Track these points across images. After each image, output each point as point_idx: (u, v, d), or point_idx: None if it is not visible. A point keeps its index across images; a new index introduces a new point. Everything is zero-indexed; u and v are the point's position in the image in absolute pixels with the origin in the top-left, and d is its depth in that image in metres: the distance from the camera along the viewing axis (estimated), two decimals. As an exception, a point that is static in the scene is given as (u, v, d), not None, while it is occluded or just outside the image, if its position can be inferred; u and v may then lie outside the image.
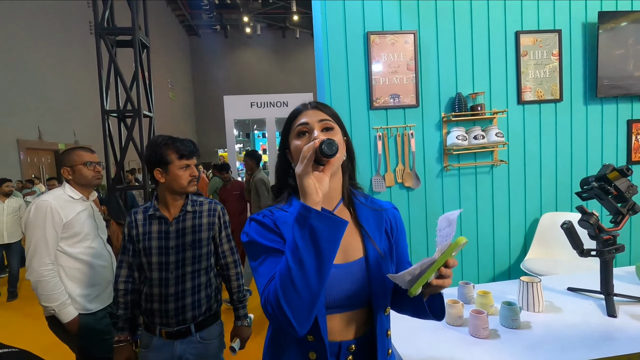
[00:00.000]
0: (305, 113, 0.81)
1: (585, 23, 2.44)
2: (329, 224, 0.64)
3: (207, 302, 1.46)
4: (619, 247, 1.38)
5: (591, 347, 1.14)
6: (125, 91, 2.33)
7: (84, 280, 1.70)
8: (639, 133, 2.55)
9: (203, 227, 1.46)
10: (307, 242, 0.63)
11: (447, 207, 2.41)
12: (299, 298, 0.64)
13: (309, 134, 0.78)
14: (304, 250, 0.63)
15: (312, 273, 0.64)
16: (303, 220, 0.64)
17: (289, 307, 0.64)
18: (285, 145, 0.84)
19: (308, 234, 0.63)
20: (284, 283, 0.64)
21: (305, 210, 0.64)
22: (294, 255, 0.64)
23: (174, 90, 14.35)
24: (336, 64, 2.28)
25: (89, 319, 1.68)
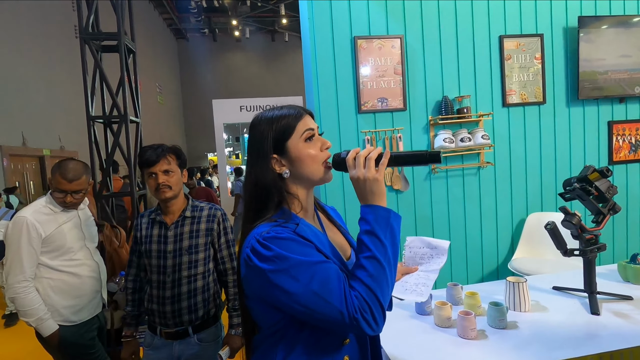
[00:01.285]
0: (307, 117, 0.78)
1: (566, 27, 2.51)
2: (399, 221, 0.72)
3: (204, 306, 1.48)
4: (600, 246, 1.41)
5: (576, 346, 1.16)
6: (111, 97, 2.30)
7: (69, 291, 1.66)
8: (619, 134, 2.62)
9: (200, 232, 1.47)
10: (389, 241, 0.70)
11: (436, 209, 2.44)
12: (389, 289, 0.70)
13: (315, 139, 0.78)
14: (390, 249, 0.69)
15: (395, 265, 0.71)
16: (385, 222, 0.70)
17: (385, 300, 0.68)
18: (279, 151, 0.76)
19: (390, 233, 0.70)
20: (379, 283, 0.67)
21: (386, 212, 0.70)
22: (383, 255, 0.69)
23: (162, 94, 14.21)
24: (324, 68, 2.29)
25: (72, 331, 1.64)
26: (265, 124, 0.77)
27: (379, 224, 0.69)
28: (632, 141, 2.63)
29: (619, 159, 2.62)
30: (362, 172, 0.71)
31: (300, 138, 0.75)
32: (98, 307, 1.81)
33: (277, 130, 0.76)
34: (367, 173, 0.71)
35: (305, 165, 0.75)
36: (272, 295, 0.68)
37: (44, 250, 1.60)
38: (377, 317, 0.66)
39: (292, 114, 0.77)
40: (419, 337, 1.29)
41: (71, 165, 1.62)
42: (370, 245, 0.69)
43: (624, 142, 2.62)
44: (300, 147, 0.75)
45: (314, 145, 0.76)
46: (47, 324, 1.57)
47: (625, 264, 1.62)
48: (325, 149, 0.78)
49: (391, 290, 0.70)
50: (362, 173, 0.71)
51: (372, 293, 0.66)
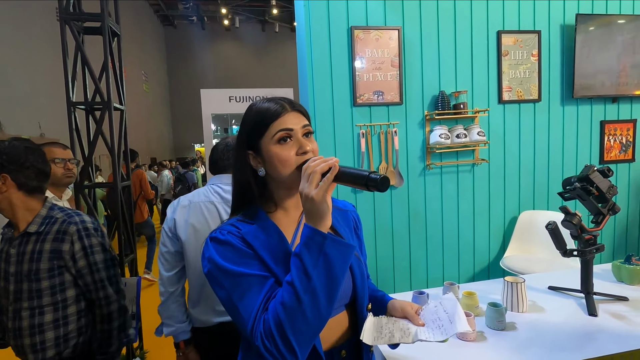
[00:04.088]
0: (287, 116, 0.70)
1: (564, 25, 2.49)
2: (343, 251, 0.61)
3: (57, 346, 1.17)
4: (599, 247, 1.40)
5: (576, 348, 1.14)
6: (93, 82, 2.17)
7: None
8: (611, 134, 2.63)
9: (44, 255, 1.15)
10: (320, 271, 0.59)
11: (430, 205, 2.41)
12: (308, 327, 0.60)
13: (291, 140, 0.70)
14: (317, 280, 0.59)
15: (324, 302, 0.60)
16: (317, 248, 0.60)
17: (295, 338, 0.59)
18: (253, 147, 0.73)
19: (322, 262, 0.60)
20: (292, 316, 0.59)
21: (321, 237, 0.60)
22: (305, 285, 0.59)
23: (148, 82, 13.82)
24: (319, 59, 2.21)
25: None
26: (247, 115, 0.75)
27: (309, 250, 0.60)
28: (622, 141, 2.65)
29: (609, 159, 2.63)
30: (304, 186, 0.62)
31: (272, 139, 0.70)
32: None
33: (252, 127, 0.73)
34: (307, 189, 0.61)
35: (275, 167, 0.70)
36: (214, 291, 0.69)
37: None
38: (283, 352, 0.59)
39: (271, 111, 0.71)
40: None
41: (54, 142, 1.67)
42: (293, 270, 0.61)
43: (615, 142, 2.64)
44: (272, 148, 0.70)
45: (287, 147, 0.69)
46: None
47: (619, 264, 1.62)
48: (301, 152, 0.69)
49: (315, 326, 0.60)
50: (303, 187, 0.62)
51: (279, 324, 0.59)
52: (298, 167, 0.69)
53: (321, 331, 0.63)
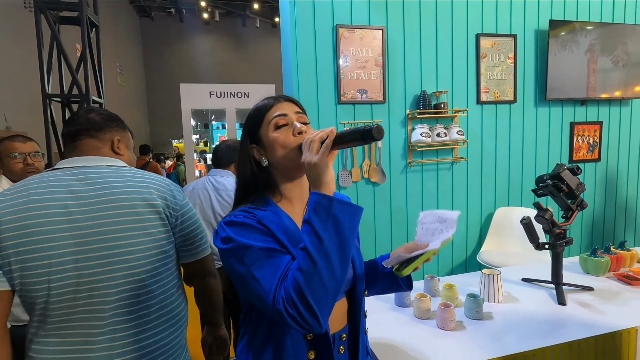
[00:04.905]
0: (279, 106, 0.77)
1: (538, 30, 2.61)
2: (350, 212, 0.64)
3: None
4: (568, 240, 1.49)
5: (547, 335, 1.22)
6: (70, 74, 2.10)
7: None
8: (580, 134, 2.78)
9: None
10: (330, 233, 0.62)
11: (411, 202, 2.47)
12: (326, 291, 0.62)
13: (287, 126, 0.76)
14: (328, 242, 0.62)
15: (337, 264, 0.63)
16: (325, 211, 0.62)
17: (316, 302, 0.61)
18: (255, 140, 0.79)
19: (331, 224, 0.62)
20: (309, 279, 0.61)
21: (327, 200, 0.63)
22: (317, 248, 0.62)
23: (123, 75, 13.38)
24: (305, 57, 2.23)
25: (22, 331, 1.50)
26: (248, 115, 0.81)
27: (318, 214, 0.63)
28: (590, 142, 2.81)
29: (578, 158, 2.78)
30: (306, 155, 0.66)
31: (269, 125, 0.76)
32: None
33: (251, 120, 0.79)
34: (309, 157, 0.66)
35: (275, 151, 0.75)
36: (229, 272, 0.71)
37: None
38: (304, 315, 0.61)
39: (266, 103, 0.79)
40: (399, 328, 1.30)
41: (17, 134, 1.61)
42: (305, 236, 0.64)
43: (583, 142, 2.79)
44: (270, 134, 0.76)
45: (284, 131, 0.75)
46: None
47: (586, 257, 1.73)
48: (297, 133, 0.75)
49: (332, 289, 0.63)
50: (305, 157, 0.66)
51: (299, 288, 0.61)
52: (297, 147, 0.73)
53: (339, 294, 0.67)
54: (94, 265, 0.86)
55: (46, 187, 0.88)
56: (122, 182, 0.92)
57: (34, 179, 0.90)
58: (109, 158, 0.99)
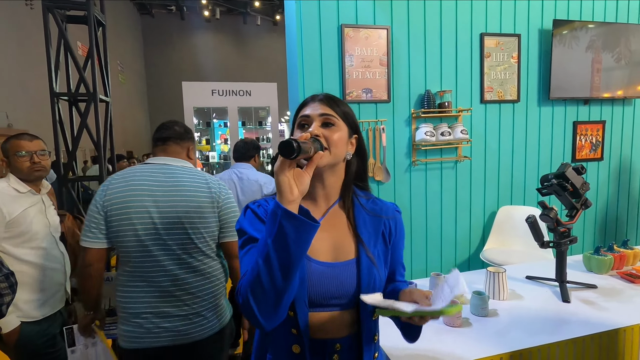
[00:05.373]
0: (311, 105, 0.79)
1: (541, 29, 2.62)
2: (297, 225, 0.61)
3: None
4: (572, 238, 1.51)
5: (552, 332, 1.24)
6: (78, 72, 2.12)
7: (31, 284, 1.53)
8: (582, 134, 2.80)
9: None
10: (275, 241, 0.62)
11: (414, 200, 2.49)
12: (264, 295, 0.64)
13: (308, 126, 0.77)
14: (272, 249, 0.62)
15: (277, 272, 0.63)
16: (274, 218, 0.62)
17: (255, 302, 0.64)
18: (292, 133, 0.84)
19: (277, 232, 0.62)
20: (252, 278, 0.64)
21: (277, 207, 0.62)
22: (262, 251, 0.63)
23: (124, 73, 13.37)
24: (310, 56, 2.24)
25: (32, 328, 1.53)
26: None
27: (269, 219, 0.63)
28: (592, 141, 2.82)
29: (581, 157, 2.80)
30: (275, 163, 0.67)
31: (296, 124, 0.81)
32: (61, 301, 1.69)
33: (295, 114, 0.84)
34: (275, 165, 0.66)
35: None
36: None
37: (6, 236, 1.47)
38: (247, 313, 0.65)
39: (304, 101, 0.82)
40: (407, 325, 1.32)
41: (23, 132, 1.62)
42: (261, 237, 0.66)
43: (586, 142, 2.80)
44: (294, 130, 0.81)
45: (302, 132, 0.78)
46: (8, 319, 1.45)
47: (589, 255, 1.75)
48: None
49: (273, 296, 0.63)
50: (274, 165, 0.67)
51: (246, 286, 0.65)
52: None
53: (282, 305, 0.66)
54: (167, 232, 1.26)
55: (141, 175, 1.29)
56: (189, 178, 1.32)
57: (133, 169, 1.32)
58: (183, 160, 1.39)
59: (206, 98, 6.61)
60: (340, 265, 0.78)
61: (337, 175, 0.81)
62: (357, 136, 0.84)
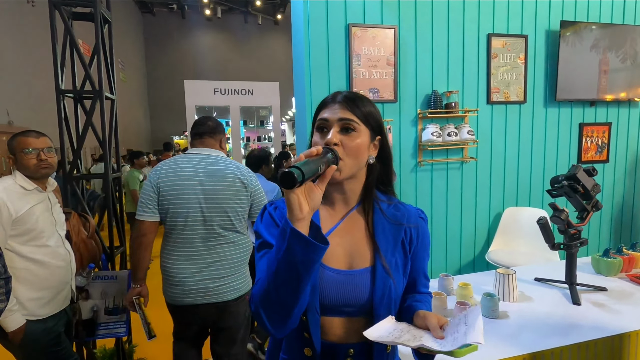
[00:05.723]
0: (330, 107, 0.75)
1: (549, 30, 2.61)
2: (303, 246, 0.60)
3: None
4: (583, 240, 1.50)
5: (564, 335, 1.23)
6: (84, 69, 2.10)
7: (36, 282, 1.52)
8: (588, 135, 2.79)
9: None
10: (283, 258, 0.61)
11: (420, 201, 2.48)
12: (273, 307, 0.65)
13: (327, 130, 0.74)
14: (281, 265, 0.62)
15: (286, 288, 0.63)
16: (283, 236, 0.61)
17: (264, 311, 0.65)
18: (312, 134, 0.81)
19: (285, 250, 0.61)
20: (262, 290, 0.65)
21: (286, 225, 0.61)
22: (272, 265, 0.64)
23: (125, 71, 13.36)
24: (317, 55, 2.23)
25: (37, 326, 1.52)
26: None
27: (280, 235, 0.62)
28: (598, 143, 2.82)
29: (586, 159, 2.79)
30: None
31: (314, 125, 0.78)
32: (66, 299, 1.68)
33: (315, 114, 0.80)
34: None
35: None
36: None
37: (12, 234, 1.45)
38: (259, 320, 0.66)
39: (323, 101, 0.79)
40: (417, 327, 1.31)
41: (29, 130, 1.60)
42: (273, 250, 0.66)
43: (592, 144, 2.80)
44: (313, 135, 0.77)
45: (321, 136, 0.75)
46: (14, 317, 1.44)
47: (598, 257, 1.74)
48: (325, 144, 0.71)
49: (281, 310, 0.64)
50: None
51: (257, 297, 0.66)
52: None
53: (291, 318, 0.65)
54: (210, 210, 1.53)
55: (188, 162, 1.57)
56: (226, 165, 1.59)
57: (181, 157, 1.60)
58: (217, 150, 1.66)
59: (208, 97, 6.58)
60: (354, 274, 0.75)
61: (358, 179, 0.78)
62: (381, 137, 0.79)
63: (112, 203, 2.23)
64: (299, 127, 2.48)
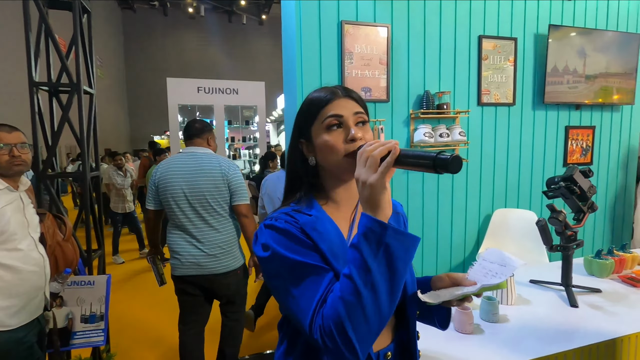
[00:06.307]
0: (337, 103, 0.69)
1: (537, 34, 2.64)
2: (406, 242, 0.56)
3: None
4: (579, 242, 1.50)
5: (566, 339, 1.21)
6: (61, 60, 1.96)
7: (6, 289, 1.40)
8: (574, 138, 2.84)
9: None
10: (380, 263, 0.55)
11: (411, 202, 2.45)
12: (368, 325, 0.56)
13: (341, 128, 0.68)
14: (377, 273, 0.55)
15: (385, 298, 0.56)
16: (377, 238, 0.55)
17: (357, 338, 0.55)
18: (304, 136, 0.73)
19: (382, 253, 0.55)
20: (351, 310, 0.55)
21: (380, 226, 0.55)
22: (364, 278, 0.55)
23: (102, 67, 12.91)
24: (309, 52, 2.17)
25: (7, 338, 1.39)
26: (301, 107, 0.75)
27: (368, 241, 0.56)
28: (583, 145, 2.87)
29: (572, 161, 2.84)
30: (362, 172, 0.58)
31: (321, 125, 0.70)
32: (39, 307, 1.55)
33: (305, 114, 0.73)
34: (364, 174, 0.58)
35: (324, 154, 0.70)
36: (266, 280, 0.68)
37: None
38: (342, 350, 0.55)
39: (322, 97, 0.71)
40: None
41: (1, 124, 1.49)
42: (351, 263, 0.57)
43: (577, 146, 2.84)
44: (321, 135, 0.69)
45: (336, 134, 0.68)
46: None
47: (591, 259, 1.75)
48: (350, 140, 0.67)
49: (376, 325, 0.57)
50: (361, 173, 0.58)
51: (339, 321, 0.55)
52: (347, 155, 0.67)
53: (383, 329, 0.59)
54: (194, 199, 1.85)
55: (176, 161, 1.89)
56: (207, 161, 1.89)
57: (173, 157, 1.93)
58: (204, 148, 1.95)
59: (192, 95, 6.42)
60: None
61: None
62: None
63: (90, 203, 2.09)
64: (288, 127, 2.41)
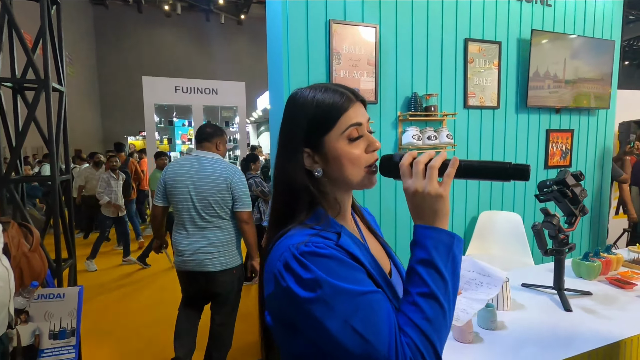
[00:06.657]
0: (355, 108, 0.62)
1: (520, 38, 2.67)
2: (461, 247, 0.59)
3: None
4: (571, 245, 1.50)
5: (566, 345, 1.19)
6: (26, 54, 1.81)
7: None
8: (554, 141, 2.90)
9: None
10: (450, 273, 0.56)
11: (400, 204, 2.42)
12: (446, 335, 0.56)
13: (362, 138, 0.62)
14: (451, 283, 0.56)
15: (454, 304, 0.57)
16: (446, 249, 0.56)
17: (441, 349, 0.55)
18: (311, 145, 0.62)
19: (451, 263, 0.56)
20: (437, 328, 0.54)
21: (450, 237, 0.57)
22: (443, 292, 0.55)
23: (72, 64, 12.32)
24: (296, 51, 2.10)
25: None
26: (301, 108, 0.62)
27: (439, 253, 0.55)
28: (563, 148, 2.93)
29: (552, 164, 2.90)
30: (422, 183, 0.56)
31: (341, 135, 0.61)
32: (2, 325, 1.40)
33: (315, 120, 0.61)
34: (429, 186, 0.56)
35: (343, 167, 0.61)
36: (303, 325, 0.55)
37: None
38: (438, 351, 0.54)
39: (338, 103, 0.61)
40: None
41: None
42: (427, 279, 0.54)
43: (557, 149, 2.91)
44: (340, 146, 0.61)
45: (357, 144, 0.61)
46: None
47: (579, 261, 1.76)
48: (371, 150, 0.63)
49: (449, 330, 0.57)
50: (422, 185, 0.56)
51: (428, 342, 0.52)
52: (366, 167, 0.62)
53: None
54: (198, 201, 1.95)
55: (185, 162, 2.01)
56: (213, 167, 1.98)
57: (183, 159, 2.08)
58: (213, 153, 2.05)
59: (169, 95, 6.20)
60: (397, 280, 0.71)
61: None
62: None
63: (60, 209, 1.94)
64: (274, 130, 2.33)
